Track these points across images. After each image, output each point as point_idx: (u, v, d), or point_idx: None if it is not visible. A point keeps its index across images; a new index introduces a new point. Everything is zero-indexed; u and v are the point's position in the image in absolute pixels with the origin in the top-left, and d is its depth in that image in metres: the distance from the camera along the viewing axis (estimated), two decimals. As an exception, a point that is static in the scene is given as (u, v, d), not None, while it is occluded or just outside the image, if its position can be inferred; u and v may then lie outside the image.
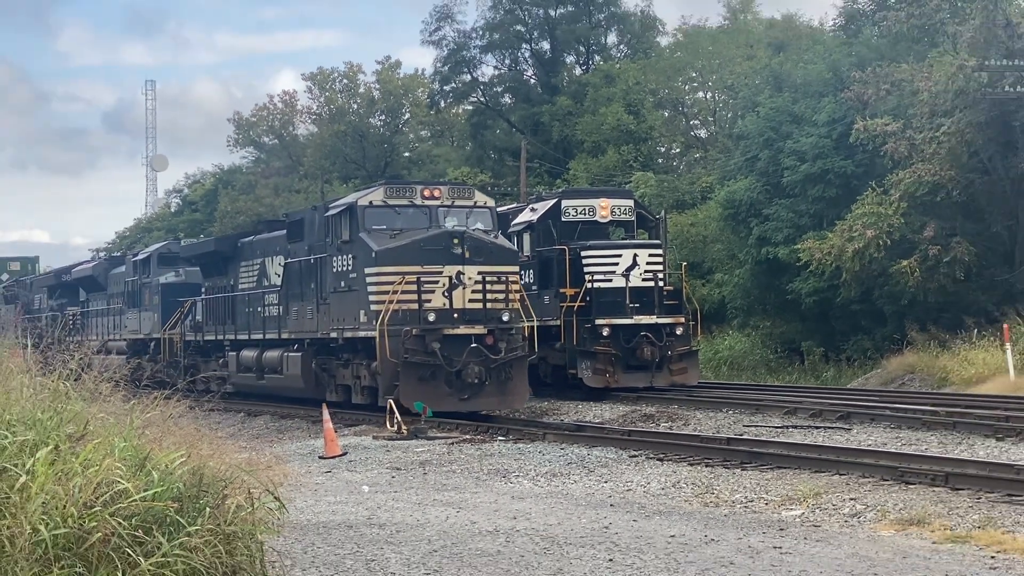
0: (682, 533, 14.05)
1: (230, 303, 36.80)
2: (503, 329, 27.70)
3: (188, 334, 39.70)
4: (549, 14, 75.14)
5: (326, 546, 13.31)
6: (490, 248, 28.24)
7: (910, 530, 14.09)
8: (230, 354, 36.49)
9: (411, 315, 27.11)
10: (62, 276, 54.39)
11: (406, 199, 28.96)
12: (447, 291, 27.36)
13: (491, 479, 19.94)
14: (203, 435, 9.98)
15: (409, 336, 26.84)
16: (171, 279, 41.67)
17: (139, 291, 43.19)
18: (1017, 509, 15.15)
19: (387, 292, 27.08)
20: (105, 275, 48.11)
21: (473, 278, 27.57)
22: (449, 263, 27.38)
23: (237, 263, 36.98)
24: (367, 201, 28.92)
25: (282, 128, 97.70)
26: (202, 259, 39.97)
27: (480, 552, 12.97)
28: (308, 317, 31.03)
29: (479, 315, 27.52)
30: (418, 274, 27.22)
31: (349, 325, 28.74)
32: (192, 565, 8.12)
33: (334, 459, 22.93)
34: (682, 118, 75.01)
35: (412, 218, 28.71)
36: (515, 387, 27.99)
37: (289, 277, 32.47)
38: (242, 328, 35.69)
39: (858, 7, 54.83)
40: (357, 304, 28.33)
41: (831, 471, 18.64)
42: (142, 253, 45.90)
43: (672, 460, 20.97)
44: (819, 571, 11.80)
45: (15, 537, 7.55)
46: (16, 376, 9.62)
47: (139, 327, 42.87)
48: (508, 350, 27.66)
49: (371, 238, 28.10)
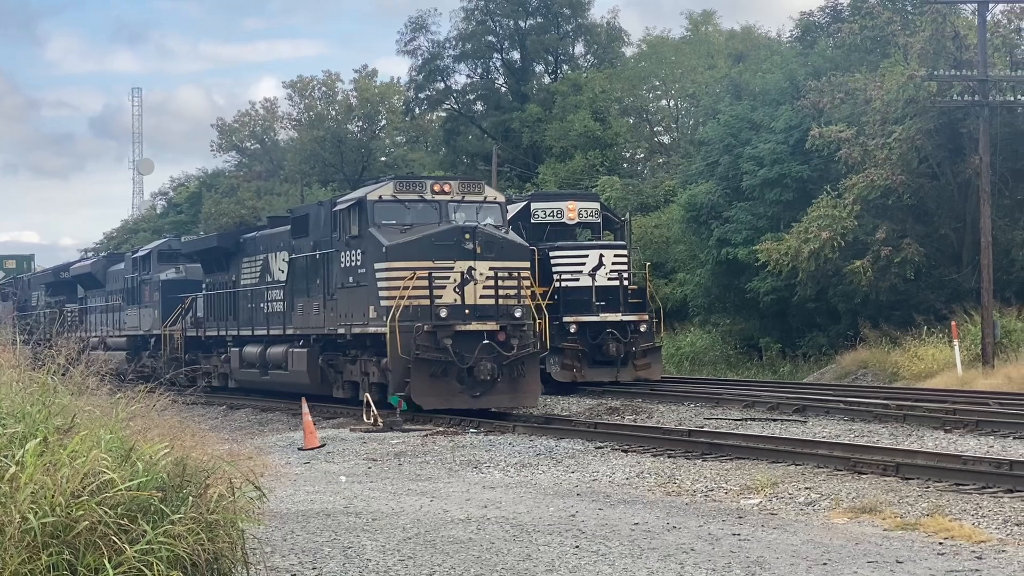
0: (645, 521, 14.06)
1: (232, 299, 35.91)
2: (515, 325, 26.66)
3: (189, 330, 38.71)
4: (519, 25, 75.23)
5: (305, 534, 13.30)
6: (501, 243, 27.12)
7: (862, 518, 14.13)
8: (232, 350, 35.56)
9: (422, 311, 26.03)
10: (60, 273, 53.63)
11: (416, 194, 27.79)
12: (459, 287, 26.31)
13: (463, 469, 19.94)
14: (186, 427, 9.95)
15: (421, 332, 25.72)
16: (171, 275, 40.70)
17: (139, 288, 42.31)
18: (964, 498, 15.20)
19: (398, 288, 26.01)
20: (104, 272, 47.19)
21: (485, 274, 26.49)
22: (460, 258, 26.30)
23: (239, 259, 35.87)
24: (377, 196, 27.78)
25: (263, 133, 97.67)
26: (203, 255, 38.77)
27: (452, 539, 12.96)
28: (314, 313, 29.95)
29: (491, 311, 26.47)
30: (429, 269, 26.15)
31: (358, 321, 27.58)
32: (175, 552, 8.11)
33: (313, 451, 22.90)
34: (646, 125, 75.14)
35: (422, 213, 27.54)
36: (527, 384, 26.95)
37: (294, 273, 31.37)
38: (245, 324, 34.70)
39: (813, 19, 55.01)
40: (366, 300, 27.21)
41: (787, 462, 18.67)
42: (142, 250, 44.94)
43: (636, 451, 20.92)
44: (776, 557, 11.82)
45: (5, 525, 7.53)
46: (6, 371, 9.58)
47: (139, 323, 42.06)
48: (520, 346, 26.56)
49: (381, 233, 26.98)
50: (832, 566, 11.37)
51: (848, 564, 11.46)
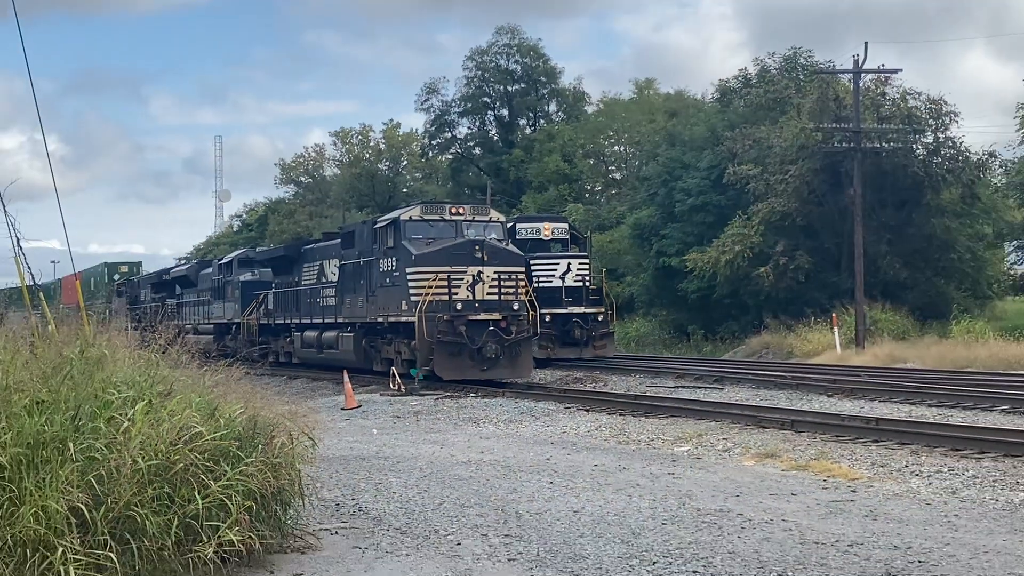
0: (602, 463, 14.06)
1: (295, 295, 35.44)
2: (514, 316, 26.44)
3: (262, 319, 38.34)
4: (507, 89, 75.35)
5: (346, 473, 13.28)
6: (503, 253, 27.07)
7: (766, 461, 14.15)
8: (295, 334, 35.04)
9: (442, 305, 25.94)
10: (163, 276, 52.96)
11: (437, 215, 27.76)
12: (470, 286, 26.21)
13: (465, 424, 19.93)
14: (256, 392, 9.91)
15: (442, 321, 25.68)
16: (248, 277, 40.18)
17: (224, 287, 41.80)
18: (842, 446, 15.23)
19: (424, 287, 25.92)
20: (196, 275, 46.66)
21: (491, 276, 26.42)
22: (472, 264, 26.26)
23: (301, 265, 35.63)
24: (407, 216, 27.76)
25: (314, 171, 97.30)
26: (273, 262, 38.50)
27: (457, 477, 12.96)
28: (359, 306, 29.70)
29: (495, 305, 26.32)
30: (448, 273, 26.10)
31: (393, 312, 27.49)
32: (249, 486, 8.10)
33: (352, 410, 22.87)
34: (603, 165, 75.20)
35: (442, 230, 27.42)
36: (523, 361, 26.85)
37: (343, 275, 31.11)
38: (305, 314, 34.26)
39: (729, 85, 55.10)
40: (399, 296, 27.11)
41: (709, 419, 18.67)
42: (226, 258, 44.39)
43: (595, 410, 20.93)
44: (701, 490, 11.83)
45: (121, 466, 7.52)
46: (120, 350, 9.56)
47: (224, 314, 41.52)
48: (517, 332, 26.39)
49: (411, 245, 26.91)
50: (743, 497, 11.38)
51: (755, 496, 11.47)
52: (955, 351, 32.70)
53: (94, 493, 7.34)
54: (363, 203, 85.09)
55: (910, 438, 15.35)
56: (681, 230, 48.25)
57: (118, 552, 7.22)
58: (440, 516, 10.52)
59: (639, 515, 10.41)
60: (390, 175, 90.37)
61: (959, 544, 9.11)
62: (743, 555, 8.74)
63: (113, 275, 71.18)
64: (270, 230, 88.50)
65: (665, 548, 9.00)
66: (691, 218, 47.99)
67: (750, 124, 47.29)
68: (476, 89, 75.14)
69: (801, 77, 49.87)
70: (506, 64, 74.86)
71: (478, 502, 11.21)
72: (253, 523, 8.07)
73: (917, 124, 42.69)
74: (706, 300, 46.81)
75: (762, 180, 43.87)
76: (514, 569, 8.48)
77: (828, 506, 10.85)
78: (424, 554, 8.99)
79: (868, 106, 41.76)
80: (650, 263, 50.26)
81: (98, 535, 7.27)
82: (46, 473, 7.38)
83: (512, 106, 75.68)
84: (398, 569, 8.49)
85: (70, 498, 7.19)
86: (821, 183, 43.19)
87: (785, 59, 51.65)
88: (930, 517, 10.31)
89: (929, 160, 42.86)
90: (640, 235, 51.09)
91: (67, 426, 7.78)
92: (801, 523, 9.96)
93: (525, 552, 8.97)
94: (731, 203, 46.38)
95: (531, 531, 9.75)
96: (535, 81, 75.12)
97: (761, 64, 52.57)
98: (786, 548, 8.97)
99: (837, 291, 41.76)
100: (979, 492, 11.65)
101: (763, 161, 44.56)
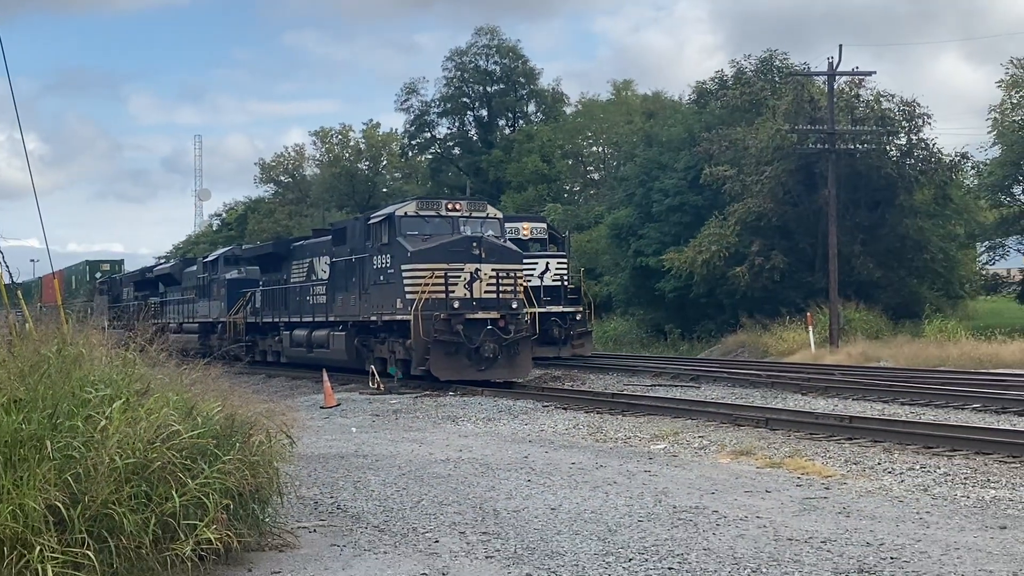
0: (580, 461, 14.04)
1: (284, 293, 34.36)
2: (512, 314, 25.46)
3: (249, 318, 37.27)
4: (487, 90, 75.32)
5: (325, 471, 13.23)
6: (501, 250, 26.01)
7: (741, 459, 14.16)
8: (284, 333, 33.89)
9: (439, 303, 24.94)
10: (146, 274, 52.25)
11: (433, 211, 26.65)
12: (467, 284, 25.20)
13: (444, 422, 19.88)
14: (234, 391, 9.87)
15: (438, 319, 24.68)
16: (234, 275, 39.22)
17: (209, 285, 40.89)
18: (816, 444, 15.26)
19: (420, 284, 25.03)
20: (180, 273, 45.89)
21: (488, 274, 25.37)
22: (469, 262, 25.24)
23: (290, 262, 34.37)
24: (403, 212, 26.63)
25: (294, 170, 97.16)
26: (261, 259, 37.37)
27: (436, 475, 12.93)
28: (352, 304, 28.58)
29: (493, 303, 25.33)
30: (445, 270, 25.07)
31: (387, 311, 26.36)
32: (226, 484, 8.06)
33: (331, 409, 22.80)
34: (581, 165, 75.29)
35: (438, 226, 26.36)
36: (521, 360, 25.92)
37: (335, 273, 29.98)
38: (294, 313, 33.15)
39: (706, 87, 55.19)
40: (394, 294, 26.03)
41: (685, 417, 18.69)
42: (211, 255, 43.29)
43: (573, 409, 20.91)
44: (677, 487, 11.83)
45: (98, 464, 7.47)
46: (97, 348, 9.49)
47: (208, 313, 40.66)
48: (516, 331, 25.42)
49: (406, 241, 25.89)
50: (718, 494, 11.39)
51: (730, 493, 11.48)
52: (927, 350, 32.87)
53: (71, 491, 7.29)
54: (343, 202, 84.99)
55: (883, 436, 15.41)
56: (658, 230, 48.32)
57: (96, 550, 7.17)
58: (418, 514, 10.48)
59: (616, 512, 10.40)
60: (370, 175, 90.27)
61: (931, 541, 9.14)
62: (718, 552, 8.75)
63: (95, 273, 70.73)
64: (250, 229, 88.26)
65: (641, 545, 9.00)
66: (668, 218, 48.08)
67: (726, 125, 47.41)
68: (456, 89, 75.14)
69: (777, 79, 50.00)
70: (485, 65, 74.88)
71: (456, 500, 11.19)
72: (231, 521, 8.03)
73: (891, 126, 42.88)
74: (683, 299, 46.89)
75: (738, 181, 43.98)
76: (491, 566, 8.46)
77: (802, 503, 10.87)
78: (402, 551, 8.96)
79: (842, 108, 41.89)
80: (628, 263, 50.31)
81: (76, 533, 7.22)
82: (23, 471, 7.32)
83: (491, 106, 75.69)
84: (376, 566, 8.46)
85: (47, 496, 7.14)
86: (796, 184, 43.34)
87: (761, 61, 51.81)
88: (902, 514, 10.34)
89: (902, 161, 43.07)
90: (618, 235, 51.14)
91: (44, 425, 7.72)
92: (775, 520, 9.97)
93: (503, 549, 8.95)
94: (707, 203, 46.49)
95: (509, 528, 9.73)
96: (514, 82, 75.16)
97: (737, 66, 52.73)
98: (760, 545, 8.98)
99: (811, 291, 41.90)
100: (951, 489, 11.69)
101: (739, 162, 44.67)
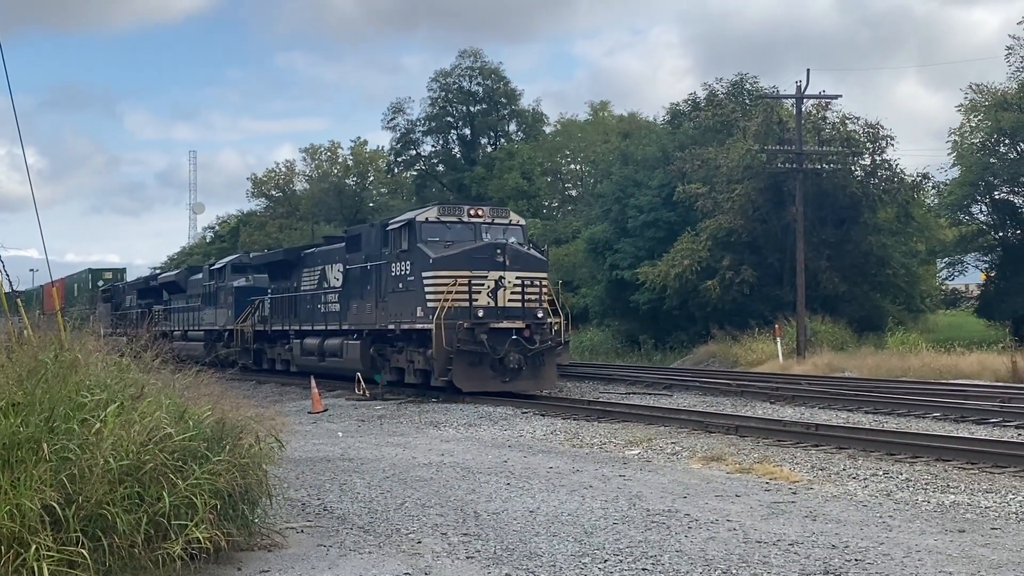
0: (557, 465, 14.03)
1: (294, 301, 32.51)
2: (538, 324, 24.12)
3: (257, 326, 35.49)
4: (470, 110, 75.30)
5: (312, 473, 13.19)
6: (526, 257, 24.59)
7: (712, 464, 14.16)
8: (295, 341, 32.06)
9: (462, 311, 23.48)
10: (150, 282, 50.47)
11: (455, 217, 25.08)
12: (491, 292, 23.76)
13: (427, 428, 19.83)
14: (225, 396, 9.83)
15: (462, 328, 23.29)
16: (242, 283, 37.57)
17: (215, 292, 39.18)
18: (784, 450, 15.30)
19: (442, 292, 23.49)
20: (185, 280, 44.16)
21: (513, 282, 23.93)
22: (493, 269, 23.79)
23: (300, 270, 32.52)
24: (424, 218, 25.04)
25: (285, 185, 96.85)
26: (270, 267, 35.40)
27: (419, 478, 12.89)
28: (367, 312, 26.93)
29: (518, 312, 23.92)
30: (469, 277, 23.65)
31: (406, 319, 24.83)
32: (216, 485, 8.02)
33: (318, 414, 22.73)
34: (560, 182, 75.40)
35: (459, 232, 24.81)
36: (547, 372, 24.42)
37: (349, 280, 28.36)
38: (305, 321, 31.28)
39: (679, 108, 55.36)
40: (414, 302, 24.48)
41: (659, 424, 18.72)
42: (218, 263, 41.41)
43: (551, 415, 20.92)
44: (650, 491, 11.83)
45: (93, 466, 7.42)
46: (93, 354, 9.44)
47: (215, 321, 39.01)
48: (541, 341, 24.06)
49: (428, 247, 24.36)
50: (690, 498, 11.39)
51: (701, 497, 11.49)
52: (890, 361, 32.99)
53: (66, 492, 7.24)
54: (331, 217, 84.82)
55: (848, 443, 15.45)
56: (633, 245, 48.41)
57: (90, 549, 7.13)
58: (402, 515, 10.45)
59: (591, 515, 10.39)
60: (357, 190, 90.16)
61: (893, 543, 9.15)
62: (690, 553, 8.74)
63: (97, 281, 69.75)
64: (242, 241, 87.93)
65: (616, 547, 8.99)
66: (643, 233, 48.17)
67: (699, 145, 47.55)
68: (440, 109, 75.13)
69: (747, 101, 50.21)
70: (469, 86, 74.92)
71: (438, 502, 11.16)
72: (220, 521, 7.99)
73: (856, 147, 43.11)
74: (656, 311, 46.96)
75: (710, 198, 44.12)
76: (472, 566, 8.43)
77: (770, 507, 10.87)
78: (386, 552, 8.93)
79: (810, 129, 42.10)
80: (604, 276, 50.39)
81: (70, 532, 7.17)
82: (21, 472, 7.27)
83: (474, 125, 75.70)
84: (361, 566, 8.42)
85: (43, 496, 7.09)
86: (765, 202, 43.49)
87: (732, 84, 51.99)
88: (866, 518, 10.35)
89: (867, 181, 43.30)
90: (594, 249, 51.22)
91: (41, 427, 7.68)
92: (745, 523, 9.97)
93: (483, 550, 8.93)
94: (681, 220, 46.60)
95: (489, 530, 9.70)
96: (496, 102, 75.20)
97: (709, 89, 52.92)
98: (730, 547, 8.98)
99: (780, 304, 42.02)
100: (912, 494, 11.73)
101: (711, 180, 44.82)
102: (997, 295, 48.09)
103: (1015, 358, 29.12)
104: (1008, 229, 49.42)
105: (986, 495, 11.64)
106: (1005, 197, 49.13)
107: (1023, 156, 46.68)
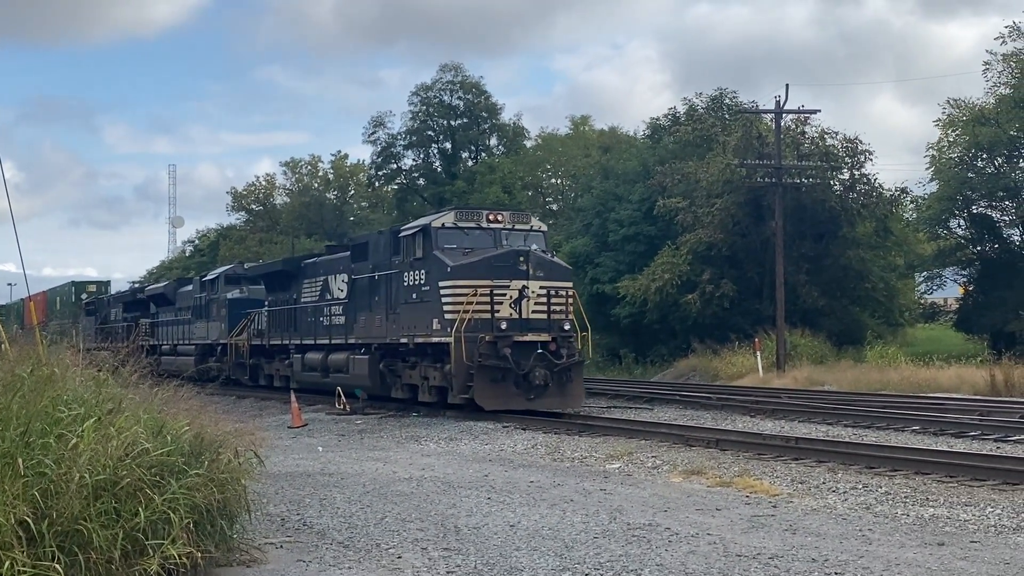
0: (538, 479, 13.99)
1: (294, 313, 30.76)
2: (564, 336, 22.68)
3: (254, 340, 33.87)
4: (451, 124, 75.33)
5: (291, 488, 13.11)
6: (550, 265, 23.08)
7: (692, 478, 14.14)
8: (295, 356, 30.21)
9: (483, 323, 22.00)
10: (136, 294, 48.83)
11: (473, 222, 23.44)
12: (514, 303, 22.25)
13: (408, 442, 19.77)
14: (204, 410, 9.76)
15: (483, 342, 21.84)
16: (236, 295, 35.94)
17: (207, 305, 37.64)
18: (764, 463, 15.30)
19: (461, 303, 21.99)
20: (174, 293, 42.59)
21: (537, 291, 22.41)
22: (515, 278, 22.29)
23: (300, 280, 30.67)
24: (440, 223, 23.41)
25: (265, 199, 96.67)
26: (267, 278, 33.61)
27: (399, 492, 12.84)
28: (376, 325, 25.26)
29: (543, 324, 22.39)
30: (490, 287, 22.14)
31: (421, 332, 23.22)
32: (193, 501, 7.95)
33: (298, 429, 22.64)
34: (540, 196, 75.46)
35: (478, 239, 23.20)
36: (574, 388, 23.04)
37: (355, 291, 26.67)
38: (307, 334, 29.45)
39: (660, 123, 55.58)
40: (429, 313, 22.91)
41: (640, 437, 18.70)
42: (211, 274, 39.52)
43: (531, 429, 20.83)
44: (631, 505, 11.80)
45: (69, 481, 7.36)
46: (70, 368, 9.37)
47: (207, 334, 37.50)
48: (568, 355, 22.64)
49: (445, 255, 22.76)
50: (671, 512, 11.37)
51: (682, 510, 11.47)
52: (869, 375, 33.11)
53: (40, 507, 7.16)
54: (312, 230, 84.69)
55: (827, 456, 15.46)
56: (614, 259, 48.51)
57: (66, 564, 7.05)
58: (382, 530, 10.39)
59: (572, 529, 10.35)
60: (338, 204, 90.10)
61: (873, 557, 9.15)
62: (670, 567, 8.72)
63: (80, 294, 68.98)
64: (221, 255, 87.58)
65: (597, 561, 8.96)
66: (623, 247, 48.28)
67: (679, 159, 47.72)
68: (421, 123, 75.13)
69: (727, 116, 50.44)
70: (450, 100, 74.95)
71: (419, 517, 11.11)
72: (198, 537, 7.92)
73: (834, 161, 43.37)
74: (637, 325, 47.02)
75: (690, 212, 44.26)
76: (452, 581, 8.38)
77: (750, 521, 10.86)
78: (366, 567, 8.87)
79: (789, 144, 42.32)
80: (584, 289, 50.35)
81: (46, 547, 7.09)
82: (-5, 488, 7.18)
83: (455, 139, 75.73)
84: (340, 581, 8.36)
85: (17, 512, 7.01)
86: (745, 216, 43.65)
87: (712, 99, 52.24)
88: (846, 531, 10.36)
89: (845, 195, 43.56)
90: (575, 263, 51.21)
91: (17, 442, 7.59)
92: (725, 537, 9.96)
93: (463, 565, 8.88)
94: (661, 234, 46.73)
95: (469, 544, 9.66)
96: (477, 116, 75.27)
97: (689, 103, 53.16)
98: (711, 561, 8.96)
99: (759, 317, 42.15)
100: (892, 508, 11.74)
101: (691, 194, 44.97)
102: (975, 309, 48.40)
103: (993, 371, 29.27)
104: (986, 243, 49.79)
105: (965, 508, 11.66)
106: (983, 211, 49.53)
107: (1000, 171, 47.05)
